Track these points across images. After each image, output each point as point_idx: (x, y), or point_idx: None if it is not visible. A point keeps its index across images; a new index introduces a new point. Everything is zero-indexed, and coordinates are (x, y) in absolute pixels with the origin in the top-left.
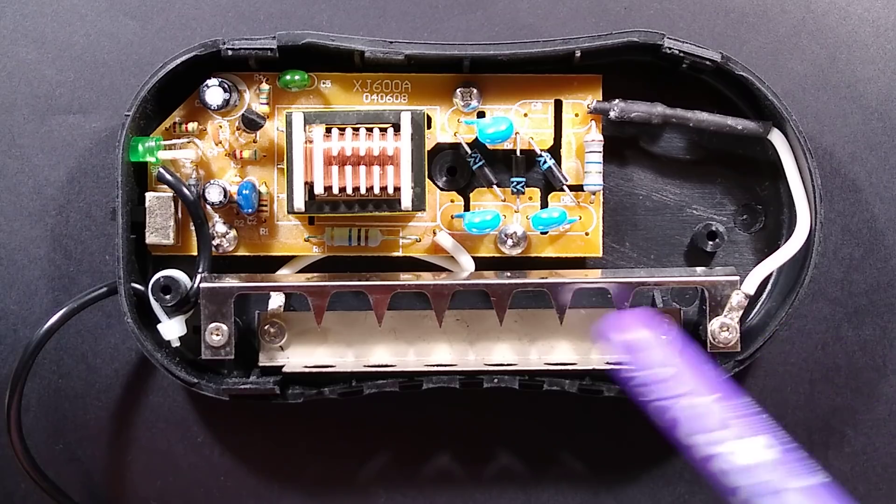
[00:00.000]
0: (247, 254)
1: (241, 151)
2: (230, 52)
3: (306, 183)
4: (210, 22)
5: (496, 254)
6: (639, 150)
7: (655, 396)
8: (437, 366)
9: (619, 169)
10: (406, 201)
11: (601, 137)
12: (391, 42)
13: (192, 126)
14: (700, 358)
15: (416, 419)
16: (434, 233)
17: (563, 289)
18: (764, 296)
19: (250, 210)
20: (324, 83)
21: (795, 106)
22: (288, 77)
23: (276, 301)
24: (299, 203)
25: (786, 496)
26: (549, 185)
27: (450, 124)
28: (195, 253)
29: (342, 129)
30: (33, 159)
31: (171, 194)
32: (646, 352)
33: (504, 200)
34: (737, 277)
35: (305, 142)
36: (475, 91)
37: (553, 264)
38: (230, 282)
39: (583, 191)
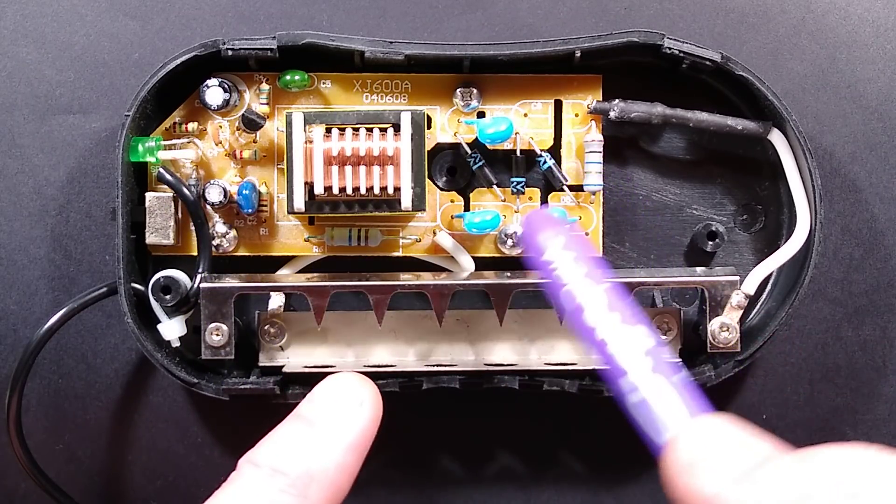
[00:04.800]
0: (247, 254)
1: (241, 151)
2: (230, 52)
3: (306, 183)
4: (210, 22)
5: (496, 254)
6: (639, 150)
7: (561, 285)
8: (437, 366)
9: (619, 169)
10: (406, 201)
11: (601, 137)
12: (391, 42)
13: (192, 126)
14: (589, 253)
15: (416, 419)
16: (434, 233)
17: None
18: (764, 296)
19: (250, 210)
20: (324, 83)
21: (795, 106)
22: (288, 77)
23: (276, 301)
24: (299, 203)
25: (658, 382)
26: (549, 185)
27: (450, 124)
28: (195, 253)
29: (342, 130)
30: (33, 159)
31: (171, 194)
32: (552, 247)
33: (504, 200)
34: (737, 277)
35: (305, 142)
36: (475, 91)
37: None
38: (230, 282)
39: (583, 191)
